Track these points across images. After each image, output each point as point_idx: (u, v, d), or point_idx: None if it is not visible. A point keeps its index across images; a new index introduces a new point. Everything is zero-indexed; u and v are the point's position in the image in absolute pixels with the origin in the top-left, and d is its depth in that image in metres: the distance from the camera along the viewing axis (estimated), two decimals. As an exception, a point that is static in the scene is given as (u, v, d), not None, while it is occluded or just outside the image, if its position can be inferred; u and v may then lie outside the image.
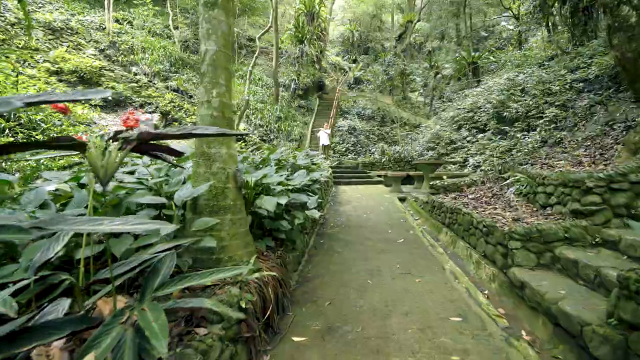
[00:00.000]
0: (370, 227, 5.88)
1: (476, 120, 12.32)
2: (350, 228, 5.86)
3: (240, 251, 2.36)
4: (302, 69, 21.85)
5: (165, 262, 1.73)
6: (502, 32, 28.71)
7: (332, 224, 6.18)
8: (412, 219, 6.68)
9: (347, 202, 8.32)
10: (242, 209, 2.48)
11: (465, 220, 4.48)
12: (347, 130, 18.64)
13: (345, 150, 17.57)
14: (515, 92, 10.55)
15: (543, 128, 8.07)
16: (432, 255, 4.34)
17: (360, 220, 6.44)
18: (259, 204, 2.51)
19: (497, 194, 5.30)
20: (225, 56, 2.42)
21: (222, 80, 2.38)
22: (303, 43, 20.61)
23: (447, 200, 5.85)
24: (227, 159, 2.37)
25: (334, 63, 28.93)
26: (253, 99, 18.36)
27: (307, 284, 3.43)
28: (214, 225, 2.20)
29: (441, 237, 5.31)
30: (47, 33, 14.42)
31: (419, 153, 14.06)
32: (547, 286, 2.62)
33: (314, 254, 4.42)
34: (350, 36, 30.87)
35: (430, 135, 14.30)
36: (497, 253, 3.49)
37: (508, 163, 6.44)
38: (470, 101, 13.11)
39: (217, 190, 2.31)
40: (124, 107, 13.68)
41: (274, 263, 2.80)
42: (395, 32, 31.92)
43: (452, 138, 12.97)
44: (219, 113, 2.36)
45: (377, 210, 7.44)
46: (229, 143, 2.40)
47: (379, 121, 20.52)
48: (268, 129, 17.44)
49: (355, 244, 4.88)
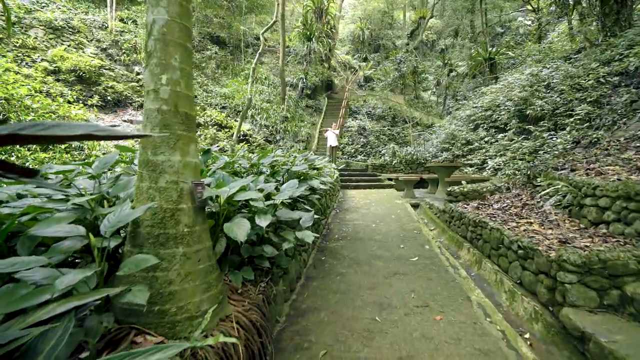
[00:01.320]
0: (379, 241, 5.18)
1: (495, 119, 11.47)
2: (356, 241, 5.17)
3: (198, 297, 1.71)
4: (310, 67, 21.21)
5: (51, 337, 1.10)
6: (519, 27, 27.58)
7: (336, 236, 5.50)
8: (427, 229, 5.95)
9: (355, 209, 7.62)
10: (204, 237, 1.83)
11: (493, 237, 3.75)
12: (357, 130, 17.93)
13: (355, 151, 16.86)
14: (540, 88, 9.68)
15: (574, 127, 7.23)
16: (454, 279, 3.62)
17: (369, 232, 5.74)
18: (227, 230, 1.85)
19: (529, 204, 4.54)
20: (181, 29, 1.77)
21: (176, 62, 1.74)
22: (311, 40, 19.96)
23: (469, 210, 5.11)
24: (181, 169, 1.73)
25: (344, 62, 28.22)
26: (259, 98, 17.83)
27: (300, 322, 2.76)
28: (157, 264, 1.55)
29: (462, 254, 4.57)
30: (47, 32, 14.11)
31: (433, 154, 13.26)
32: (624, 344, 1.89)
33: (312, 277, 3.75)
34: (361, 34, 30.07)
35: (444, 136, 13.47)
36: (540, 284, 2.76)
37: (538, 167, 5.65)
38: (488, 99, 12.24)
39: (164, 214, 1.66)
40: (123, 107, 13.27)
41: (252, 304, 2.15)
42: (407, 29, 31.03)
43: (469, 138, 12.13)
44: (171, 107, 1.71)
45: (388, 218, 6.73)
46: (185, 147, 1.76)
47: (389, 121, 19.74)
48: (274, 130, 16.87)
49: (362, 263, 4.19)
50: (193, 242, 1.73)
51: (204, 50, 19.42)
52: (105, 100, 12.72)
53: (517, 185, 5.82)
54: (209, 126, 13.93)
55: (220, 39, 20.95)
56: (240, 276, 2.26)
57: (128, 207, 1.66)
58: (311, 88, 21.08)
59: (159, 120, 1.70)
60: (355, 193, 9.82)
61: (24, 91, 9.58)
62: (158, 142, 1.69)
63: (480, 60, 17.68)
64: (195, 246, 1.75)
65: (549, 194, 4.09)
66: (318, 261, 4.28)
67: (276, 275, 2.78)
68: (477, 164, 10.91)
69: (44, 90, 10.92)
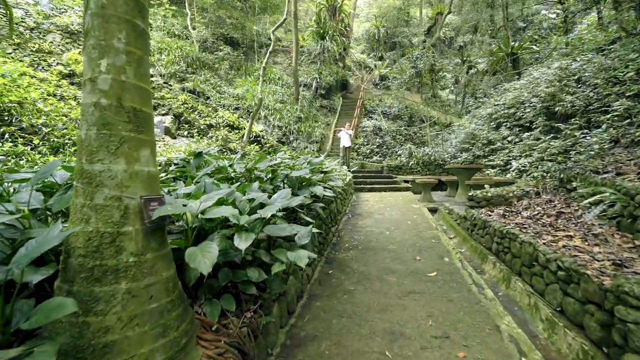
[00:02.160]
0: (393, 251, 4.70)
1: (519, 117, 10.73)
2: (368, 251, 4.71)
3: (148, 346, 1.32)
4: (324, 67, 20.82)
5: None
6: (542, 21, 26.37)
7: (346, 245, 5.06)
8: (446, 238, 5.42)
9: (368, 214, 7.15)
10: (160, 267, 1.44)
11: (524, 252, 3.23)
12: (372, 130, 17.42)
13: (370, 152, 16.35)
14: (569, 82, 8.92)
15: (611, 124, 6.52)
16: (479, 301, 3.12)
17: (382, 240, 5.26)
18: (188, 258, 1.45)
19: (565, 213, 3.96)
20: (127, 1, 1.38)
21: (120, 43, 1.36)
22: (325, 39, 19.57)
23: (494, 217, 4.56)
24: (126, 180, 1.34)
25: (359, 61, 27.70)
26: (272, 99, 17.58)
27: (296, 354, 2.34)
28: (90, 306, 1.18)
29: (487, 269, 4.05)
30: (64, 36, 14.30)
31: (452, 155, 12.59)
32: None
33: (316, 295, 3.33)
34: (376, 32, 29.45)
35: (464, 135, 12.78)
36: (589, 317, 2.24)
37: (572, 169, 5.04)
38: (512, 96, 11.50)
39: (101, 239, 1.28)
40: (137, 109, 13.22)
41: (230, 343, 1.74)
42: (423, 25, 30.19)
43: (490, 138, 11.42)
44: (112, 101, 1.33)
45: (404, 225, 6.22)
46: (133, 152, 1.37)
47: (406, 120, 19.12)
48: (287, 131, 16.57)
49: (373, 278, 3.73)
50: (142, 274, 1.34)
51: (217, 51, 19.34)
52: (117, 102, 12.69)
53: (548, 190, 5.21)
54: (221, 127, 13.75)
55: (233, 40, 20.88)
56: (218, 307, 1.86)
57: (58, 229, 1.29)
58: (325, 88, 20.70)
59: (96, 118, 1.32)
60: (370, 196, 9.32)
61: (36, 95, 9.61)
62: (95, 146, 1.31)
63: (501, 55, 16.82)
64: (146, 280, 1.36)
65: (592, 202, 3.52)
66: (324, 276, 3.85)
67: (268, 300, 2.37)
68: (499, 165, 10.21)
69: (58, 93, 10.97)
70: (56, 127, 9.30)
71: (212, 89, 16.79)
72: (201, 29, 19.53)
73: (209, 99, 16.05)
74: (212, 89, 16.79)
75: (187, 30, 19.01)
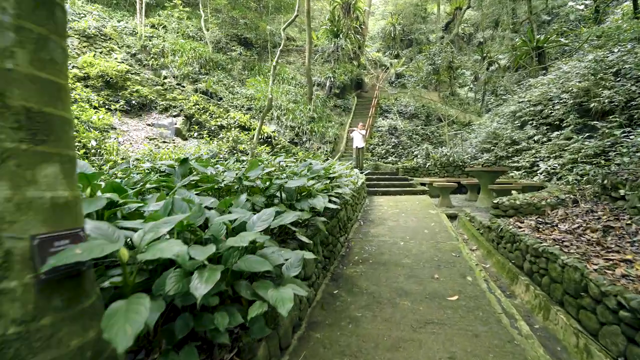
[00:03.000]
0: (408, 266, 4.19)
1: (547, 115, 9.95)
2: (379, 267, 4.22)
3: None
4: (338, 65, 20.33)
5: None
6: (569, 13, 24.99)
7: (356, 257, 4.58)
8: (468, 250, 4.85)
9: (381, 221, 6.63)
10: (69, 333, 1.02)
11: (568, 278, 2.67)
12: (388, 130, 16.82)
13: (385, 152, 15.77)
14: (606, 76, 8.12)
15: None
16: (512, 338, 2.58)
17: (396, 252, 4.75)
18: (104, 325, 1.02)
19: (614, 228, 3.35)
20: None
21: (6, 15, 0.94)
22: (338, 37, 19.06)
23: (525, 230, 3.99)
24: (10, 213, 0.93)
25: (374, 59, 27.05)
26: (285, 99, 17.23)
27: (285, 412, 1.90)
28: None
29: (517, 292, 3.49)
30: (82, 40, 14.39)
31: (472, 156, 11.88)
32: None
33: (317, 323, 2.87)
34: (392, 30, 28.69)
35: (485, 135, 12.05)
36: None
37: (618, 174, 4.38)
38: (538, 92, 10.70)
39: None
40: (148, 110, 13.14)
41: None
42: (441, 21, 29.24)
43: (514, 137, 10.66)
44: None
45: (420, 233, 5.68)
46: (22, 171, 0.96)
47: (423, 120, 18.42)
48: (300, 131, 16.18)
49: (384, 302, 3.25)
50: (32, 350, 0.93)
51: (230, 51, 19.17)
52: (130, 104, 12.64)
53: (588, 198, 4.58)
54: (232, 128, 13.50)
55: (247, 41, 20.67)
56: (175, 364, 1.43)
57: None
58: (340, 87, 20.21)
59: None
60: (384, 200, 8.79)
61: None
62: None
63: (526, 50, 15.88)
64: (39, 356, 0.94)
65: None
66: (328, 297, 3.39)
67: (251, 343, 1.94)
68: (525, 167, 9.48)
69: (77, 96, 10.97)
70: (65, 129, 9.21)
71: (226, 89, 16.59)
72: (214, 29, 19.41)
73: (222, 99, 15.86)
74: (226, 89, 16.59)
75: (201, 32, 18.92)
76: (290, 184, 2.47)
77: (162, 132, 11.78)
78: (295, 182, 2.58)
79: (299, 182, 2.57)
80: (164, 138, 11.54)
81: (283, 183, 2.59)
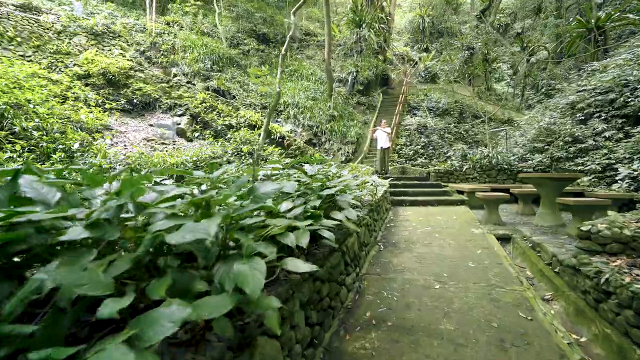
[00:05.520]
0: (449, 339, 2.59)
1: (621, 105, 7.88)
2: (403, 335, 2.65)
3: None
4: (360, 58, 18.72)
5: None
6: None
7: (368, 313, 3.03)
8: (543, 306, 3.17)
9: (408, 245, 5.02)
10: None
11: None
12: (416, 128, 15.04)
13: (414, 153, 14.01)
14: None
15: None
16: None
17: (429, 304, 3.16)
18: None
19: None
20: None
21: None
22: (361, 27, 17.44)
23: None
24: None
25: (401, 54, 25.15)
26: (303, 96, 15.87)
27: None
28: None
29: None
30: (90, 38, 13.77)
31: (519, 157, 9.91)
32: None
33: None
34: (420, 22, 26.63)
35: (535, 132, 10.04)
36: None
37: None
38: (609, 77, 8.60)
39: None
40: (152, 110, 12.19)
41: None
42: (475, 10, 26.77)
43: (576, 134, 8.64)
44: None
45: (463, 268, 4.04)
46: None
47: (456, 117, 16.45)
48: (319, 130, 14.75)
49: None
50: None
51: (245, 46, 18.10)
52: (132, 103, 11.74)
53: None
54: (241, 128, 12.29)
55: (265, 36, 19.53)
56: None
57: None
58: (364, 83, 18.63)
59: None
60: (411, 213, 7.12)
61: (36, 96, 8.70)
62: None
63: (582, 32, 13.52)
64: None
65: None
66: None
67: None
68: (594, 171, 7.49)
69: (70, 94, 10.17)
70: (52, 130, 8.34)
71: (240, 87, 15.48)
72: (229, 24, 18.41)
73: (235, 97, 14.75)
74: (240, 87, 15.48)
75: (216, 28, 18.00)
76: (172, 238, 1.01)
77: (163, 133, 10.73)
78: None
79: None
80: (164, 139, 10.47)
81: (158, 235, 1.13)
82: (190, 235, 1.04)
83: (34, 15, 13.04)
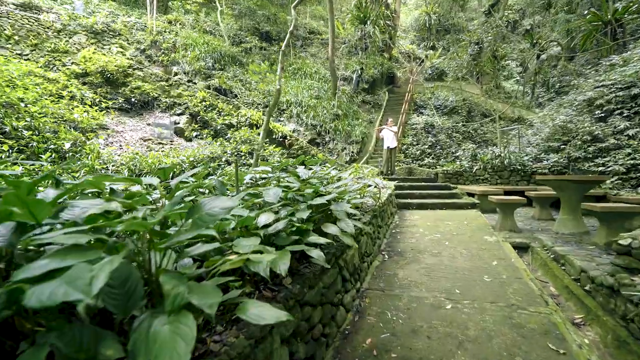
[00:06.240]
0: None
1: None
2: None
3: None
4: (365, 56, 18.25)
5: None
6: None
7: (368, 339, 2.59)
8: (574, 335, 2.71)
9: (415, 255, 4.56)
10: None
11: None
12: (423, 127, 14.54)
13: (421, 153, 13.52)
14: None
15: None
16: None
17: (440, 329, 2.72)
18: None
19: None
20: None
21: None
22: (366, 23, 16.97)
23: None
24: None
25: (407, 52, 24.60)
26: (306, 94, 15.45)
27: None
28: None
29: None
30: (90, 37, 13.51)
31: (533, 157, 9.37)
32: None
33: None
34: (427, 20, 26.04)
35: (549, 130, 9.49)
36: None
37: None
38: (631, 70, 8.03)
39: None
40: (151, 109, 11.87)
41: None
42: (483, 5, 26.08)
43: (595, 132, 8.09)
44: None
45: (478, 284, 3.58)
46: None
47: (464, 115, 15.91)
48: (322, 129, 14.30)
49: None
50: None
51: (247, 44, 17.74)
52: (130, 102, 11.43)
53: None
54: (242, 127, 11.90)
55: (268, 34, 19.15)
56: None
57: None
58: (369, 82, 18.17)
59: None
60: (419, 217, 6.66)
61: (29, 95, 8.41)
62: None
63: (597, 25, 12.89)
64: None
65: None
66: None
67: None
68: (617, 172, 6.95)
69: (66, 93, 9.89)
70: (44, 130, 8.04)
71: (242, 85, 15.10)
72: (230, 22, 18.06)
73: (237, 96, 14.38)
74: (242, 85, 15.10)
75: (218, 27, 17.68)
76: (36, 297, 0.60)
77: (160, 133, 10.39)
78: (59, 284, 0.69)
79: (62, 291, 0.68)
80: (161, 139, 10.13)
81: (17, 289, 0.71)
82: (62, 291, 0.63)
83: (34, 14, 12.80)
